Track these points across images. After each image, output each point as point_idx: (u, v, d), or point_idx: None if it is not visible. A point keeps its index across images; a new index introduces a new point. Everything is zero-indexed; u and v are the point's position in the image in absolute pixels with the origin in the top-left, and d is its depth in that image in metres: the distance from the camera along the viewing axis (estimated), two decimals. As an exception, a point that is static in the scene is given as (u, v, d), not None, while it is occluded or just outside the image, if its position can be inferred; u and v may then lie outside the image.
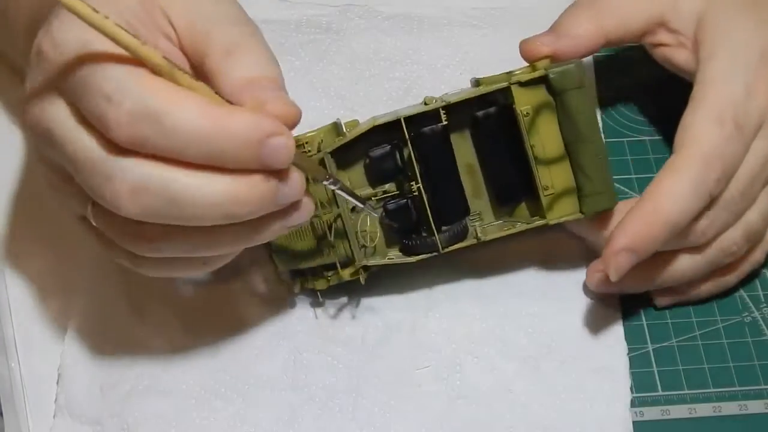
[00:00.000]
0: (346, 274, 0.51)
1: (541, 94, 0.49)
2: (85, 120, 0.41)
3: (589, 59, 0.63)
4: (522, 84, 0.49)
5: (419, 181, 0.50)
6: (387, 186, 0.52)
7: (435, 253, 0.50)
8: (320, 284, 0.52)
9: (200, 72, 0.43)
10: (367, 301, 0.54)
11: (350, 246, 0.50)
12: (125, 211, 0.40)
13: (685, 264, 0.51)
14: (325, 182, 0.46)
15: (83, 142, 0.41)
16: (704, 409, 0.51)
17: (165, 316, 0.53)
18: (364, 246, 0.51)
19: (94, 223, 0.44)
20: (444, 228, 0.51)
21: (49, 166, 0.44)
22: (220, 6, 0.44)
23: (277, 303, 0.54)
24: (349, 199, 0.48)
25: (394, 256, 0.52)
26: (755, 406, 0.51)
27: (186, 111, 0.39)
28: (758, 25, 0.52)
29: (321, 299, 0.53)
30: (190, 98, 0.39)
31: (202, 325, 0.53)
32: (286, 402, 0.51)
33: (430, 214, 0.50)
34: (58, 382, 0.51)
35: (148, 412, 0.50)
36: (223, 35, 0.42)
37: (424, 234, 0.51)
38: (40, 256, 0.56)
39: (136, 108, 0.39)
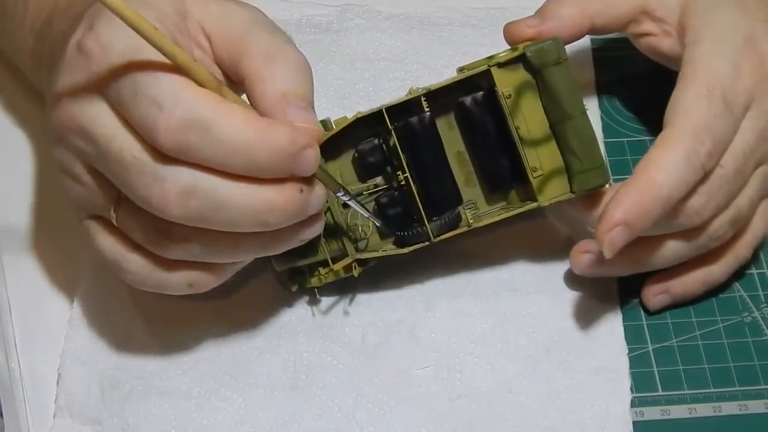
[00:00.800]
0: (339, 266, 0.51)
1: (521, 74, 0.49)
2: (127, 123, 0.42)
3: (588, 57, 0.63)
4: (501, 65, 0.49)
5: (406, 170, 0.50)
6: (377, 179, 0.52)
7: (427, 243, 0.50)
8: (316, 281, 0.52)
9: (236, 78, 0.45)
10: (366, 302, 0.54)
11: (342, 240, 0.50)
12: (169, 213, 0.42)
13: (671, 247, 0.51)
14: (338, 194, 0.47)
15: (131, 144, 0.42)
16: (704, 409, 0.51)
17: (165, 317, 0.53)
18: (357, 240, 0.51)
19: (116, 223, 0.45)
20: (435, 218, 0.51)
21: (70, 160, 0.45)
22: (253, 14, 0.45)
23: (277, 303, 0.54)
24: (361, 211, 0.49)
25: (388, 249, 0.52)
26: (755, 406, 0.51)
27: (233, 121, 0.41)
28: (742, 10, 0.53)
29: (318, 296, 0.53)
30: (235, 110, 0.41)
31: (202, 325, 0.53)
32: (286, 402, 0.51)
33: (419, 203, 0.50)
34: (58, 382, 0.51)
35: (148, 412, 0.50)
36: (260, 40, 0.44)
37: (415, 225, 0.51)
38: (40, 256, 0.56)
39: (186, 116, 0.40)
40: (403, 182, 0.50)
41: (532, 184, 0.50)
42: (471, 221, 0.51)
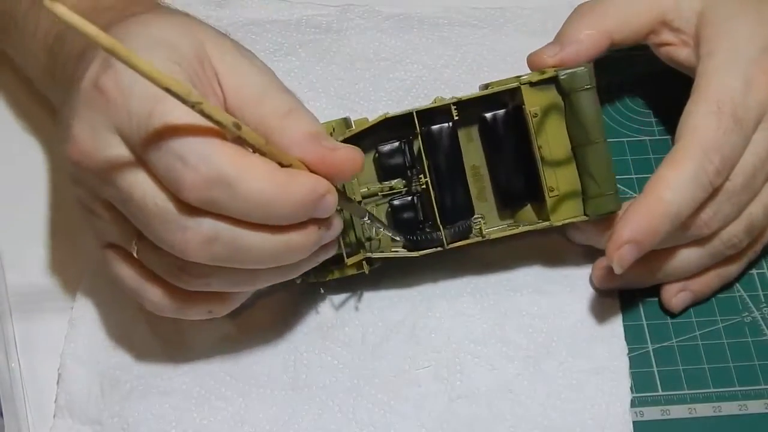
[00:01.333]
0: (351, 262, 0.51)
1: (550, 95, 0.51)
2: (146, 167, 0.42)
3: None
4: (532, 84, 0.50)
5: (428, 175, 0.51)
6: (394, 182, 0.52)
7: (439, 248, 0.51)
8: (322, 277, 0.52)
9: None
10: (367, 301, 0.54)
11: (356, 236, 0.50)
12: (191, 257, 0.42)
13: (687, 256, 0.52)
14: (362, 219, 0.49)
15: (154, 192, 0.42)
16: (704, 409, 0.51)
17: (165, 317, 0.53)
18: (369, 239, 0.51)
19: (136, 255, 0.45)
20: (449, 226, 0.51)
21: (87, 194, 0.45)
22: (266, 77, 0.45)
23: (278, 303, 0.54)
24: (383, 230, 0.50)
25: (400, 251, 0.52)
26: (755, 406, 0.51)
27: (256, 177, 0.41)
28: (759, 21, 0.52)
29: (322, 291, 0.53)
30: (258, 164, 0.42)
31: (202, 325, 0.52)
32: (286, 402, 0.51)
33: (436, 209, 0.51)
34: (58, 382, 0.51)
35: (148, 412, 0.50)
36: (278, 100, 0.44)
37: (428, 230, 0.51)
38: (40, 256, 0.56)
39: (211, 174, 0.41)
40: (423, 186, 0.51)
41: (547, 204, 0.50)
42: (485, 232, 0.51)
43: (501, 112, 0.52)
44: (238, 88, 0.44)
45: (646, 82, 0.62)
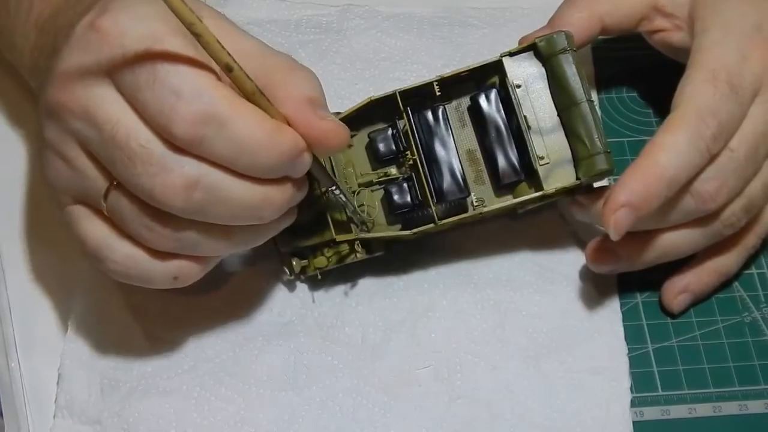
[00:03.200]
0: (340, 239, 0.50)
1: (531, 65, 0.51)
2: (136, 109, 0.42)
3: (588, 56, 0.63)
4: (512, 55, 0.51)
5: (415, 153, 0.51)
6: (388, 169, 0.53)
7: (432, 225, 0.50)
8: (320, 262, 0.52)
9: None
10: (367, 301, 0.54)
11: (347, 215, 0.50)
12: (171, 204, 0.42)
13: (683, 235, 0.51)
14: (330, 188, 0.48)
15: (139, 132, 0.42)
16: (704, 409, 0.51)
17: (165, 317, 0.53)
18: (363, 222, 0.51)
19: (105, 210, 0.44)
20: (441, 203, 0.51)
21: (67, 141, 0.44)
22: (263, 43, 0.46)
23: (278, 303, 0.54)
24: (349, 204, 0.49)
25: (393, 231, 0.52)
26: (755, 406, 0.51)
27: (247, 121, 0.41)
28: (747, 1, 0.53)
29: (320, 277, 0.53)
30: (251, 109, 0.42)
31: (202, 325, 0.52)
32: (286, 402, 0.51)
33: (426, 186, 0.51)
34: (58, 382, 0.51)
35: (148, 412, 0.50)
36: (279, 58, 0.45)
37: (420, 209, 0.51)
38: (40, 256, 0.56)
39: (204, 109, 0.41)
40: (411, 162, 0.51)
41: (539, 173, 0.50)
42: (476, 205, 0.51)
43: (489, 92, 0.52)
44: (238, 51, 0.43)
45: (646, 81, 0.62)
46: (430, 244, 0.55)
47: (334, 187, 0.48)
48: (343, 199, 0.49)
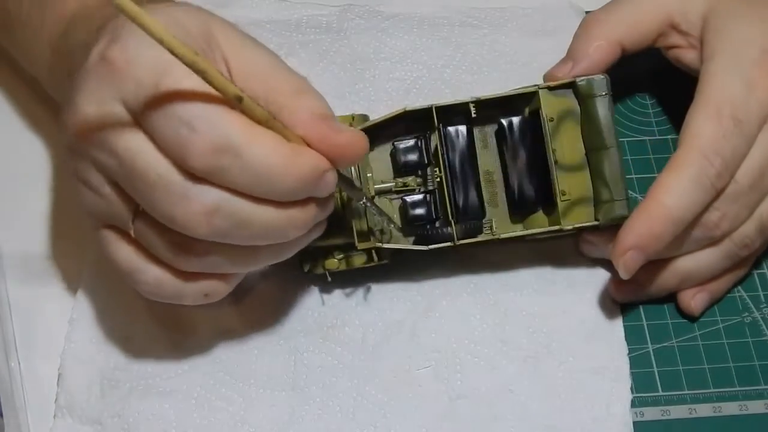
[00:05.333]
0: (362, 246, 0.50)
1: (567, 101, 0.52)
2: (152, 139, 0.42)
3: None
4: (550, 89, 0.51)
5: (442, 170, 0.51)
6: (409, 179, 0.53)
7: (450, 244, 0.51)
8: (331, 264, 0.52)
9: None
10: (367, 302, 0.54)
11: (368, 227, 0.51)
12: (193, 231, 0.42)
13: (704, 260, 0.52)
14: (362, 201, 0.48)
15: (157, 162, 0.42)
16: (704, 409, 0.51)
17: (165, 317, 0.53)
18: (381, 231, 0.51)
19: (133, 234, 0.45)
20: (459, 223, 0.51)
21: (86, 170, 0.44)
22: (274, 58, 0.45)
23: (278, 303, 0.54)
24: (382, 216, 0.50)
25: (411, 244, 0.52)
26: (755, 406, 0.51)
27: (263, 147, 0.41)
28: (760, 23, 0.52)
29: (329, 280, 0.53)
30: (266, 135, 0.41)
31: (202, 325, 0.52)
32: (286, 402, 0.51)
33: (448, 204, 0.51)
34: (58, 382, 0.51)
35: (148, 412, 0.50)
36: (288, 78, 0.44)
37: (438, 225, 0.51)
38: (40, 256, 0.56)
39: (219, 140, 0.40)
40: (438, 179, 0.52)
41: (558, 207, 0.51)
42: (496, 230, 0.52)
43: (518, 118, 0.52)
44: (246, 69, 0.44)
45: (646, 81, 0.62)
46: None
47: (364, 200, 0.48)
48: (375, 211, 0.49)
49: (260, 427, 0.50)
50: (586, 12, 0.65)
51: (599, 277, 0.54)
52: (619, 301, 0.53)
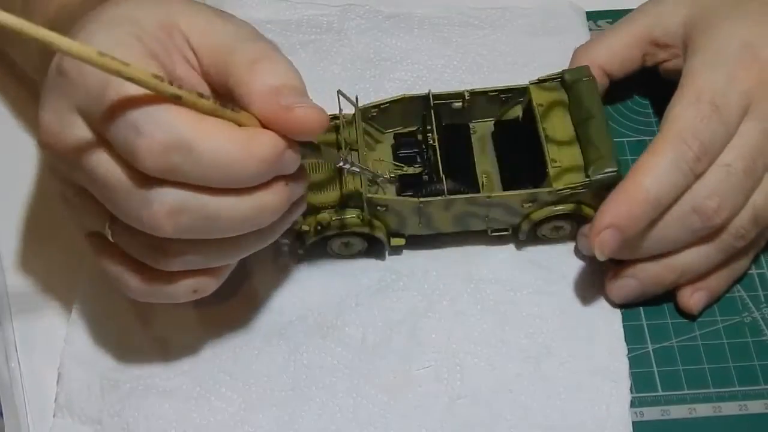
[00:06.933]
0: (351, 193, 0.51)
1: (555, 94, 0.55)
2: (109, 145, 0.41)
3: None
4: (540, 82, 0.55)
5: (435, 136, 0.53)
6: (408, 169, 0.54)
7: (440, 197, 0.51)
8: (323, 218, 0.52)
9: (224, 90, 0.43)
10: (366, 302, 0.54)
11: (361, 181, 0.51)
12: (162, 232, 0.42)
13: (700, 253, 0.52)
14: (340, 164, 0.48)
15: (114, 169, 0.41)
16: (704, 409, 0.51)
17: (164, 317, 0.53)
18: (375, 181, 0.52)
19: (112, 240, 0.45)
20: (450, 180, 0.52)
21: (62, 181, 0.45)
22: (239, 27, 0.45)
23: (277, 303, 0.54)
24: (365, 173, 0.50)
25: (400, 196, 0.53)
26: (755, 406, 0.51)
27: (215, 139, 0.40)
28: (742, 16, 0.53)
29: (308, 243, 0.53)
30: (216, 126, 0.41)
31: (201, 325, 0.53)
32: (286, 402, 0.51)
33: (439, 162, 0.52)
34: (58, 382, 0.51)
35: (148, 412, 0.50)
36: (246, 50, 0.43)
37: (432, 181, 0.52)
38: (40, 256, 0.56)
39: (167, 139, 0.40)
40: (431, 142, 0.53)
41: (549, 173, 0.52)
42: (485, 184, 0.54)
43: (514, 118, 0.55)
44: (210, 47, 0.43)
45: (645, 82, 0.62)
46: (431, 245, 0.55)
47: (342, 162, 0.48)
48: (357, 168, 0.49)
49: (260, 427, 0.50)
50: (587, 12, 0.65)
51: (599, 277, 0.54)
52: (618, 302, 0.53)
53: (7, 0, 0.53)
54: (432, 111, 0.54)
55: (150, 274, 0.45)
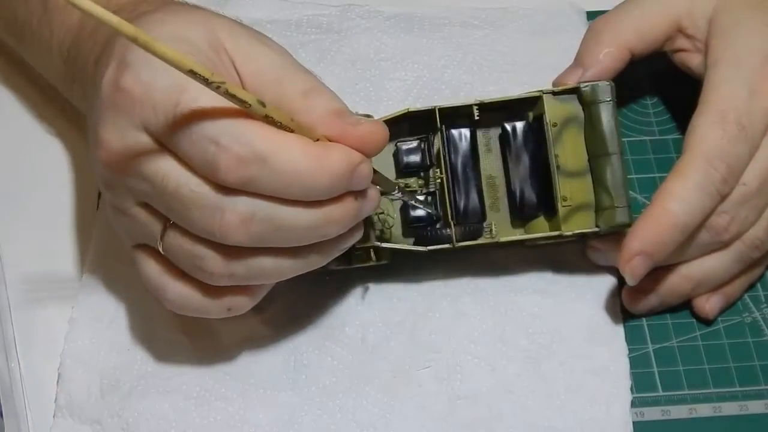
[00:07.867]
0: (361, 245, 0.50)
1: (571, 107, 0.51)
2: (177, 158, 0.42)
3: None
4: (554, 94, 0.51)
5: (444, 172, 0.51)
6: (410, 180, 0.53)
7: (449, 246, 0.51)
8: (330, 263, 0.51)
9: None
10: (367, 302, 0.54)
11: (365, 227, 0.50)
12: (231, 240, 0.43)
13: (716, 263, 0.52)
14: (393, 193, 0.49)
15: (188, 180, 0.42)
16: (704, 409, 0.51)
17: (165, 317, 0.53)
18: (381, 230, 0.51)
19: (162, 251, 0.45)
20: (459, 225, 0.51)
21: (118, 195, 0.45)
22: (283, 57, 0.45)
23: (277, 303, 0.54)
24: (419, 207, 0.51)
25: (409, 244, 0.52)
26: (755, 406, 0.51)
27: (291, 152, 0.41)
28: (764, 28, 0.52)
29: (327, 278, 0.53)
30: (291, 139, 0.42)
31: (202, 325, 0.52)
32: (286, 402, 0.51)
33: (449, 206, 0.51)
34: (58, 382, 0.51)
35: (148, 412, 0.50)
36: (296, 81, 0.44)
37: (439, 227, 0.51)
38: (40, 256, 0.56)
39: (245, 152, 0.41)
40: (439, 180, 0.51)
41: (559, 213, 0.51)
42: (495, 233, 0.51)
43: (521, 123, 0.52)
44: (255, 73, 0.44)
45: (646, 81, 0.62)
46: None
47: (396, 191, 0.49)
48: (408, 199, 0.50)
49: (260, 427, 0.50)
50: (587, 12, 0.65)
51: (599, 277, 0.54)
52: (636, 313, 0.53)
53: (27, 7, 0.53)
54: (442, 138, 0.51)
55: (192, 287, 0.46)
